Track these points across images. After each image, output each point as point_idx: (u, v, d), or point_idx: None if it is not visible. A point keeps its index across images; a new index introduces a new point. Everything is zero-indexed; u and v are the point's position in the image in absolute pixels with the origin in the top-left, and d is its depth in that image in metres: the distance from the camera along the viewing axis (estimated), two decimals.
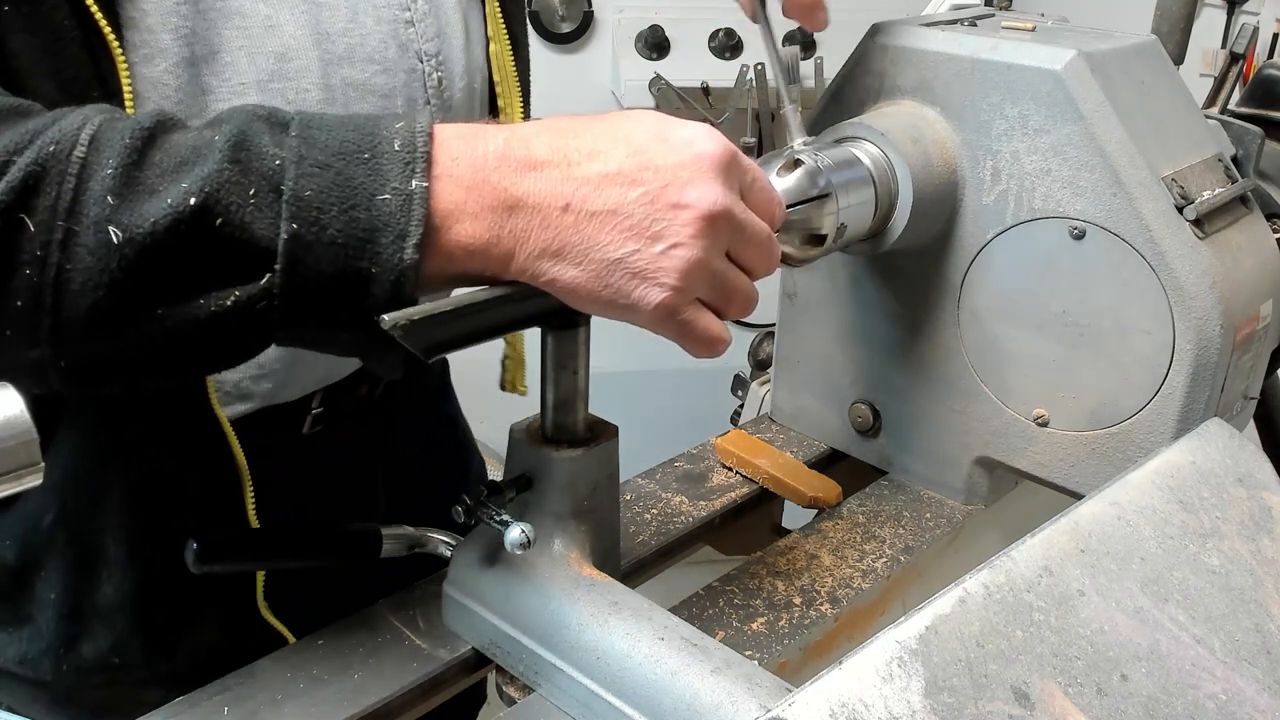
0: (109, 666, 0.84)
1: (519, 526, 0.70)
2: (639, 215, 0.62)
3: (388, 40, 0.81)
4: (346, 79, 0.79)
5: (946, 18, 0.95)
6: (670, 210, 0.62)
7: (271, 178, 0.58)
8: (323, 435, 0.91)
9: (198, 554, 0.73)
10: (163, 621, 0.84)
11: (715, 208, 0.62)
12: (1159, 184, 0.81)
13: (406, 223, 0.58)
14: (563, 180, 0.62)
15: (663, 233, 0.62)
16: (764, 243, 0.67)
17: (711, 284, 0.65)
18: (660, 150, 0.63)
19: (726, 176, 0.64)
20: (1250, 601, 0.64)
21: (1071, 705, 0.54)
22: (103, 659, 0.83)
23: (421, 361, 0.63)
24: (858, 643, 0.52)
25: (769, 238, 0.68)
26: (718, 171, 0.63)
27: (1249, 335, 0.85)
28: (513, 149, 0.62)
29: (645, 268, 0.62)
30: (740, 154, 0.66)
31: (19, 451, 0.50)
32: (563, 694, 0.72)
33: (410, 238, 0.58)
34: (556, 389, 0.74)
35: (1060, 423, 0.89)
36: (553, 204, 0.62)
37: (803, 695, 0.49)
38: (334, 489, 0.94)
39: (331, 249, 0.58)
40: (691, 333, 0.66)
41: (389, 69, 0.82)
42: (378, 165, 0.59)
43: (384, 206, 0.58)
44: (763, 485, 0.99)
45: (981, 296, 0.90)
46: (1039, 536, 0.61)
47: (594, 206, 0.62)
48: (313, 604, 0.82)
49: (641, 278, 0.63)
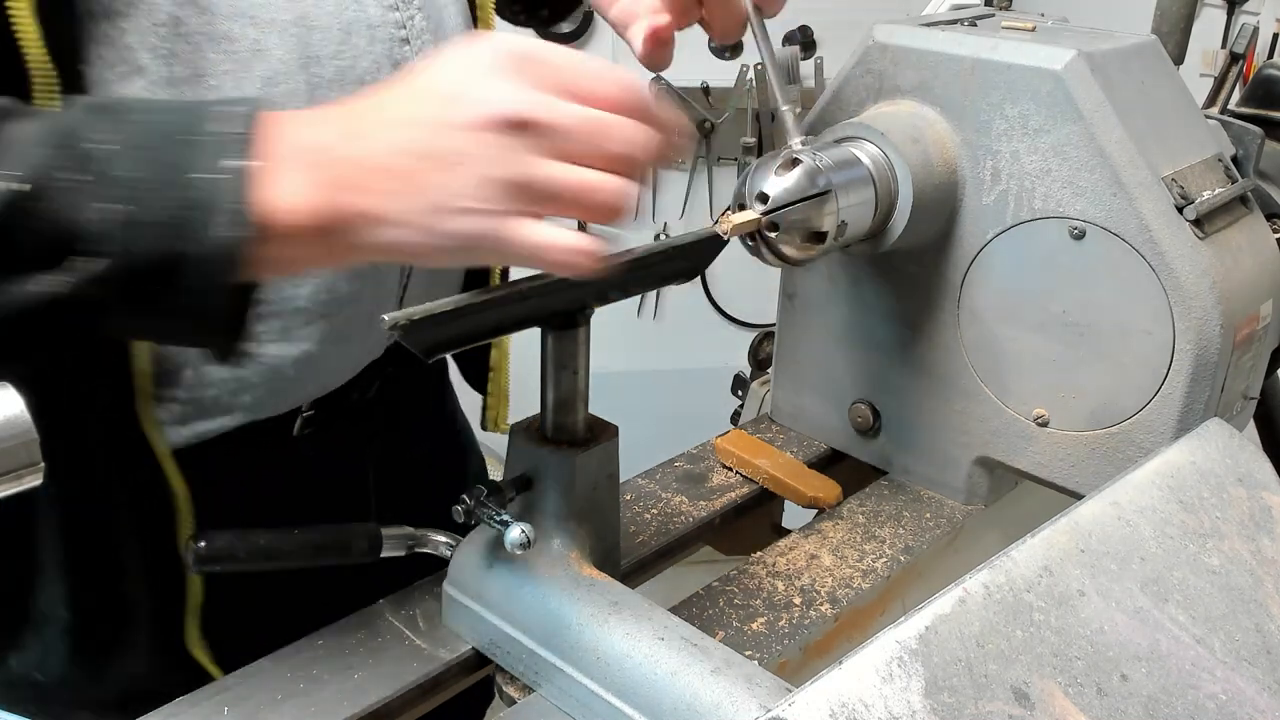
0: (36, 683, 0.82)
1: (519, 526, 0.70)
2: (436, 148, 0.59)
3: (381, 61, 0.81)
4: None
5: (946, 18, 0.95)
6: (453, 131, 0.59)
7: (94, 162, 0.57)
8: (313, 437, 0.91)
9: (198, 555, 0.73)
10: (91, 643, 0.82)
11: (497, 113, 0.58)
12: (1159, 184, 0.81)
13: (221, 201, 0.57)
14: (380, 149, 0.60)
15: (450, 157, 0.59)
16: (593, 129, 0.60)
17: (527, 193, 0.60)
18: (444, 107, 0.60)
19: (516, 75, 0.59)
20: (1250, 601, 0.64)
21: (1071, 705, 0.54)
22: (29, 674, 0.82)
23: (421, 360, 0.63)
24: (858, 643, 0.52)
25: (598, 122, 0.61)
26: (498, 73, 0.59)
27: (1249, 335, 0.85)
28: (329, 118, 0.62)
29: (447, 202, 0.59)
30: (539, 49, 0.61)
31: (19, 451, 0.50)
32: (563, 694, 0.72)
33: (223, 215, 0.57)
34: (556, 389, 0.74)
35: (1060, 423, 0.89)
36: (374, 170, 0.60)
37: (803, 695, 0.49)
38: (323, 488, 0.93)
39: (152, 229, 0.57)
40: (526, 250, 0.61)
41: None
42: (196, 145, 0.58)
43: (199, 185, 0.57)
44: (763, 485, 0.99)
45: (981, 296, 0.90)
46: (1039, 536, 0.61)
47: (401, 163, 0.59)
48: (250, 639, 0.78)
49: (451, 212, 0.59)
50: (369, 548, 0.78)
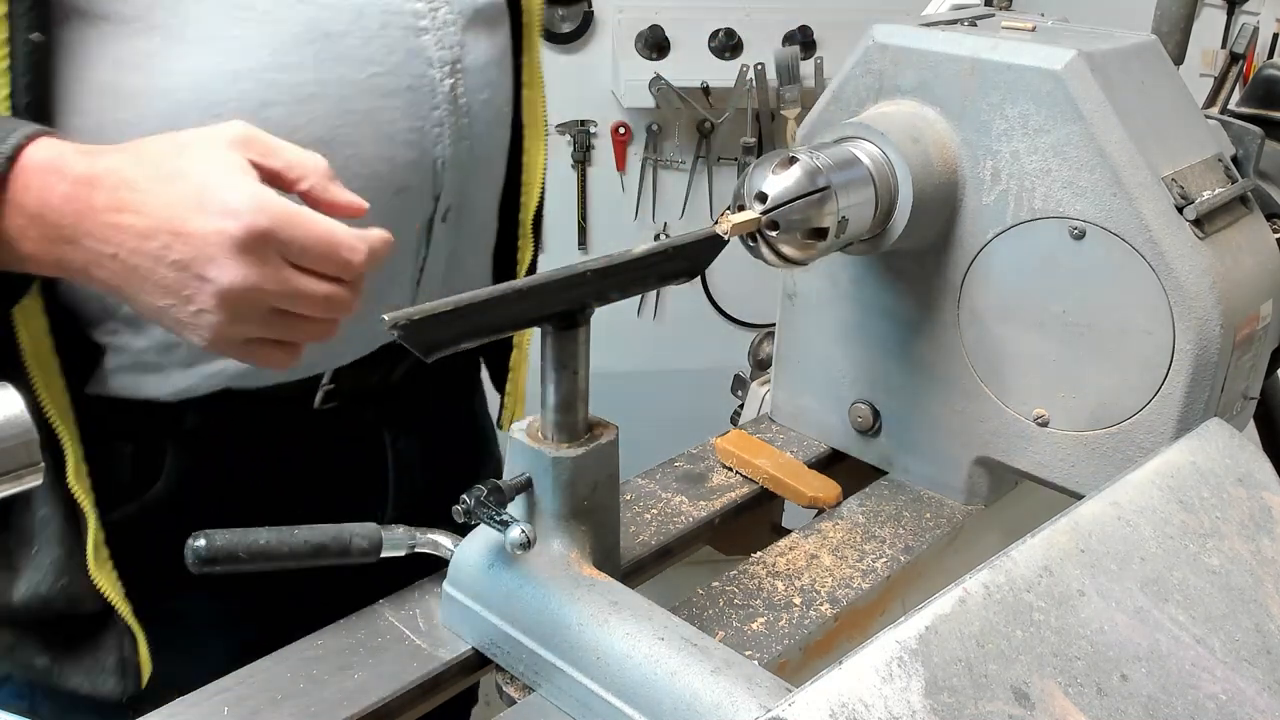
0: None
1: (519, 526, 0.70)
2: (170, 279, 0.69)
3: (394, 47, 0.84)
4: (342, 78, 0.82)
5: (946, 18, 0.95)
6: (196, 280, 0.68)
7: None
8: (335, 413, 0.92)
9: (197, 555, 0.73)
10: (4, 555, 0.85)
11: (236, 285, 0.68)
12: (1159, 184, 0.81)
13: None
14: (111, 230, 0.69)
15: (192, 298, 0.69)
16: (317, 299, 0.71)
17: (260, 327, 0.71)
18: (194, 219, 0.68)
19: (252, 254, 0.68)
20: (1250, 601, 0.64)
21: (1071, 705, 0.54)
22: None
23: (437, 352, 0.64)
24: (858, 643, 0.52)
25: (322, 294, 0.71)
26: (238, 251, 0.67)
27: (1249, 335, 0.85)
28: (79, 193, 0.69)
29: (184, 320, 0.70)
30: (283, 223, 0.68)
31: (19, 451, 0.50)
32: (563, 694, 0.72)
33: None
34: (557, 389, 0.74)
35: (1060, 423, 0.89)
36: (104, 250, 0.69)
37: (803, 695, 0.49)
38: (341, 468, 0.96)
39: None
40: (256, 362, 0.74)
41: (392, 71, 0.84)
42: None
43: None
44: (763, 485, 0.99)
45: (981, 296, 0.90)
46: (1039, 536, 0.61)
47: (134, 261, 0.69)
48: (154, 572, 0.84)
49: (184, 325, 0.71)
50: (369, 548, 0.78)
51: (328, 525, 0.78)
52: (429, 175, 0.89)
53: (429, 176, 0.89)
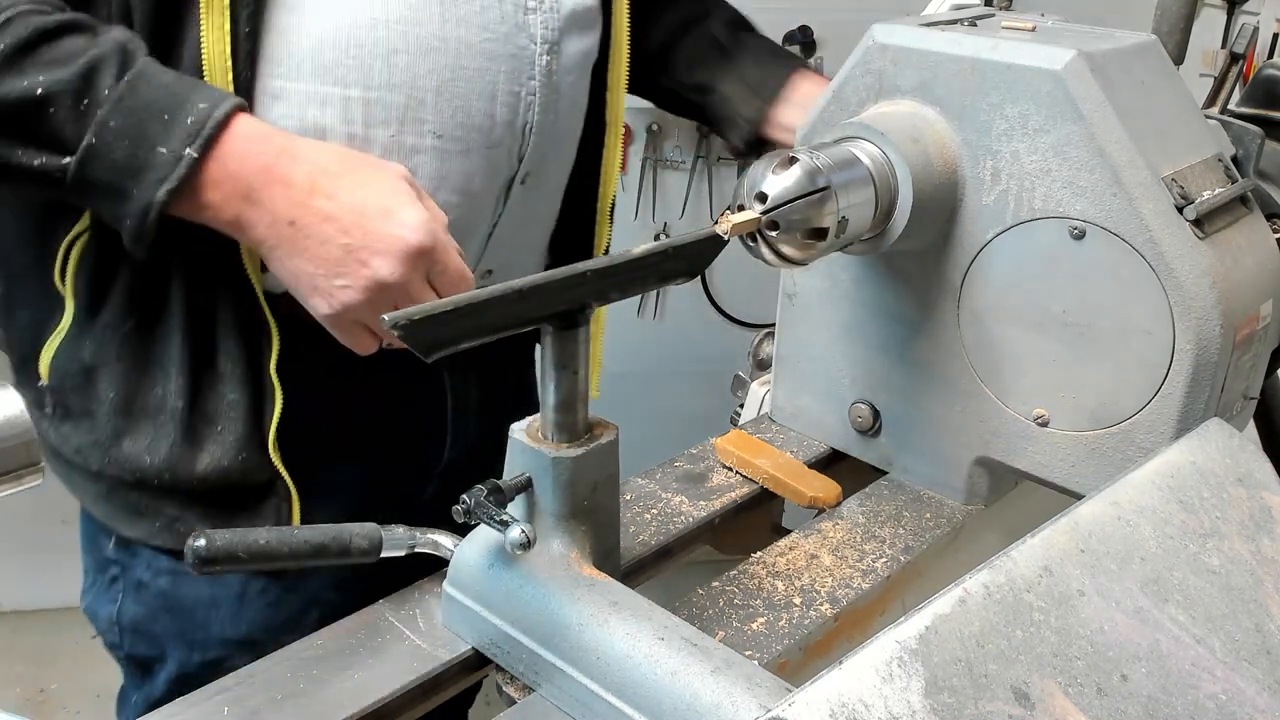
0: (140, 466, 0.98)
1: (519, 526, 0.70)
2: (336, 255, 0.84)
3: (507, 17, 0.97)
4: (461, 38, 0.95)
5: (946, 18, 0.95)
6: (357, 264, 0.84)
7: (97, 101, 0.82)
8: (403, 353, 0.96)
9: (197, 555, 0.73)
10: (192, 433, 0.98)
11: (387, 280, 0.84)
12: (1159, 184, 0.81)
13: (169, 174, 0.82)
14: (299, 205, 0.84)
15: (344, 274, 0.84)
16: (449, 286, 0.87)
17: (370, 319, 0.87)
18: (378, 221, 0.84)
19: (413, 262, 0.84)
20: (1250, 601, 0.64)
21: (1071, 705, 0.54)
22: (139, 456, 0.98)
23: None
24: (858, 643, 0.52)
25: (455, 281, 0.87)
26: (406, 256, 0.84)
27: (1249, 335, 0.85)
28: (279, 164, 0.84)
29: (323, 288, 0.86)
30: (441, 248, 0.85)
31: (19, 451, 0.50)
32: (563, 694, 0.72)
33: (166, 184, 0.82)
34: (557, 389, 0.74)
35: (1060, 423, 0.89)
36: (283, 215, 0.84)
37: (803, 695, 0.49)
38: (407, 406, 1.09)
39: (113, 168, 0.82)
40: (346, 339, 0.90)
41: (502, 39, 0.97)
42: (171, 127, 0.82)
43: (159, 157, 0.82)
44: (763, 485, 0.99)
45: (981, 296, 0.90)
46: (1039, 536, 0.61)
47: (310, 232, 0.84)
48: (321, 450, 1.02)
49: (320, 293, 0.86)
50: (369, 548, 0.78)
51: (328, 525, 0.78)
52: (518, 137, 1.01)
53: (518, 138, 1.01)
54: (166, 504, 1.01)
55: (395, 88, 0.93)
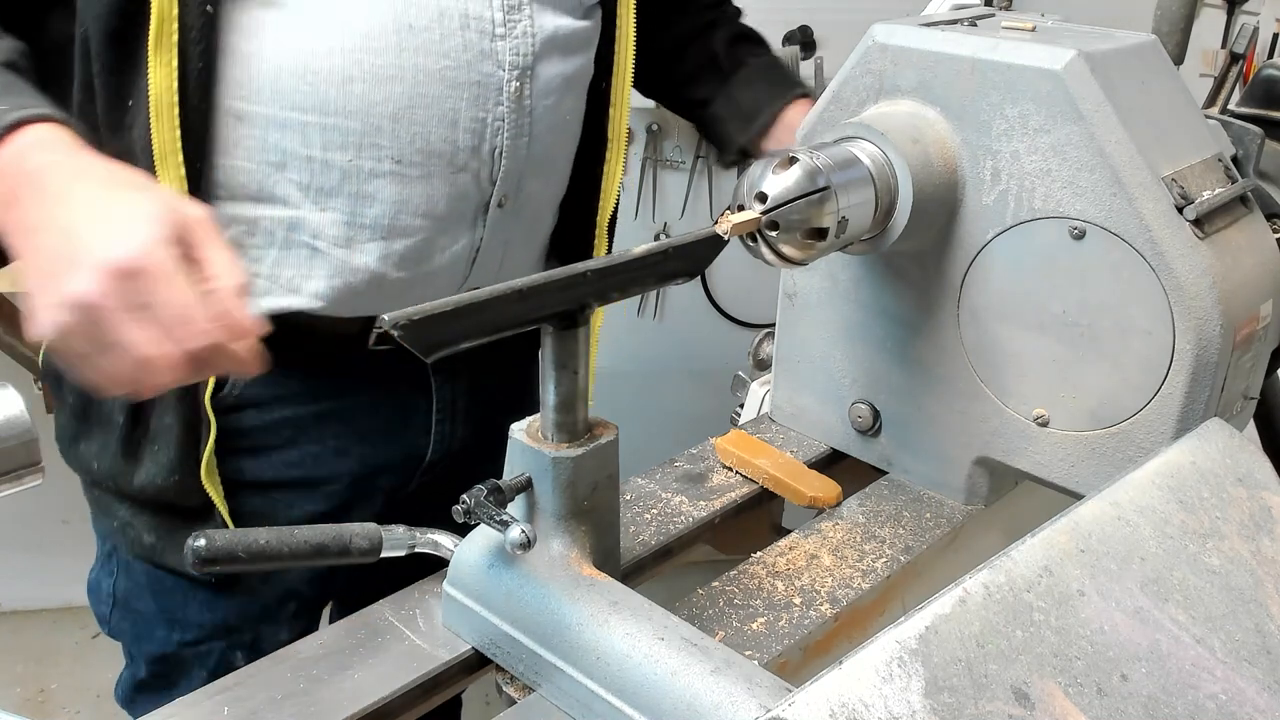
0: (92, 469, 1.04)
1: (519, 526, 0.70)
2: (47, 268, 0.74)
3: (470, 44, 0.96)
4: (419, 65, 0.95)
5: (946, 18, 0.95)
6: (62, 278, 0.72)
7: None
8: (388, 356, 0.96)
9: (197, 555, 0.73)
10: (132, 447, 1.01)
11: (81, 298, 0.71)
12: (1159, 184, 0.81)
13: None
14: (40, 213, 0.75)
15: (50, 290, 0.73)
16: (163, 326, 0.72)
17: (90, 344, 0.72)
18: (90, 228, 0.73)
19: (114, 281, 0.71)
20: (1250, 601, 0.64)
21: (1071, 705, 0.54)
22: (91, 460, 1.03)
23: None
24: (858, 643, 0.52)
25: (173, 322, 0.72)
26: (111, 274, 0.71)
27: (1249, 335, 0.85)
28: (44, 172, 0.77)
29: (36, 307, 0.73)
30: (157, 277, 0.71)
31: (19, 451, 0.50)
32: (563, 694, 0.72)
33: None
34: (557, 389, 0.74)
35: (1060, 423, 0.89)
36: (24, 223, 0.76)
37: (803, 695, 0.49)
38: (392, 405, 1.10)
39: None
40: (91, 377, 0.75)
41: (465, 66, 0.96)
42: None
43: None
44: (763, 485, 0.99)
45: (981, 296, 0.90)
46: (1039, 536, 0.61)
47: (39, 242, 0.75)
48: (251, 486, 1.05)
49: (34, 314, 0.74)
50: (369, 548, 0.78)
51: (328, 525, 0.78)
52: (487, 162, 1.01)
53: (486, 163, 1.01)
54: (118, 507, 1.06)
55: (351, 114, 0.94)
